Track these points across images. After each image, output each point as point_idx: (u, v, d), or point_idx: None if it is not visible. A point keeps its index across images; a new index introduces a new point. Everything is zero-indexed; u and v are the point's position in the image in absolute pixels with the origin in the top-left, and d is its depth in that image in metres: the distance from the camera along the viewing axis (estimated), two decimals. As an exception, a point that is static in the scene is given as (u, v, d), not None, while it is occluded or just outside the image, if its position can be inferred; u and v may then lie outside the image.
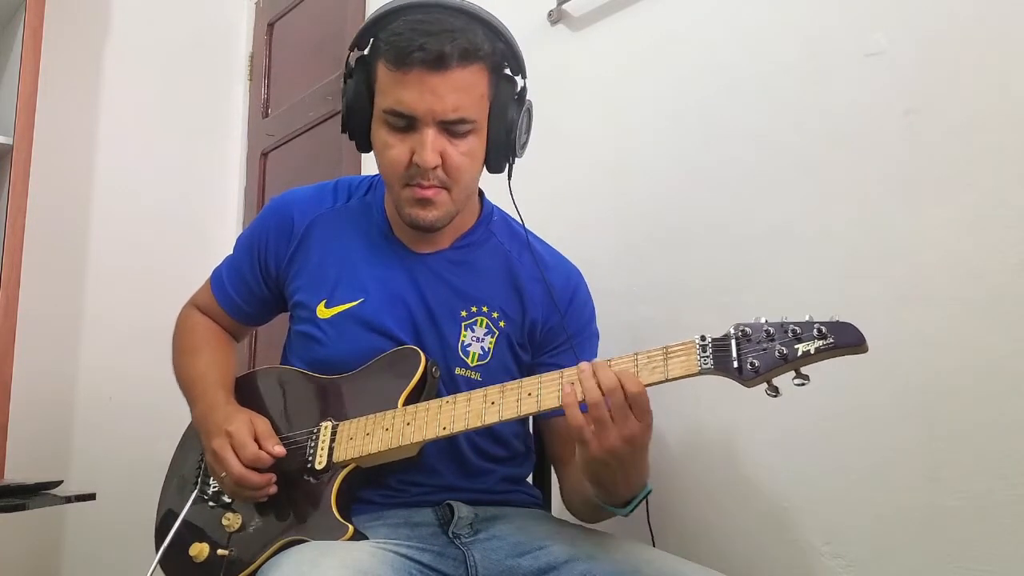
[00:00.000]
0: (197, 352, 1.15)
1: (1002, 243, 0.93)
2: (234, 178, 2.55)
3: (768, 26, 1.20)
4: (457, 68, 0.93)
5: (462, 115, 0.95)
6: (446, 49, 0.91)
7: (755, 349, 0.77)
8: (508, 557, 0.95)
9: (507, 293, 1.09)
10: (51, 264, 2.10)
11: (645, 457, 0.86)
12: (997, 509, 0.91)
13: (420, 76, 0.93)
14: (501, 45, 0.99)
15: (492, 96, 0.99)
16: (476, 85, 0.96)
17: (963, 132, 0.97)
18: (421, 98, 0.93)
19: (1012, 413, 0.91)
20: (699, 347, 0.80)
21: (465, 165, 0.98)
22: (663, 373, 0.81)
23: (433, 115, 0.94)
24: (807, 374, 0.77)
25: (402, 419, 0.95)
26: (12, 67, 1.87)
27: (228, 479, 0.97)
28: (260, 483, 0.96)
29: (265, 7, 2.60)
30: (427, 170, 0.96)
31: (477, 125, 0.98)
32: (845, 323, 0.75)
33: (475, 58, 0.95)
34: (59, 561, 2.07)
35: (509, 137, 1.01)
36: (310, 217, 1.12)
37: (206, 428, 1.03)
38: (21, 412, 1.79)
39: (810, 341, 0.75)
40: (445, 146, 0.96)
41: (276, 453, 0.97)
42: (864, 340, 0.74)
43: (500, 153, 1.02)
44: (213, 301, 1.19)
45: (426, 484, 1.03)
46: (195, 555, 0.99)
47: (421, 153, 0.95)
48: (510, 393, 0.90)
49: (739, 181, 1.21)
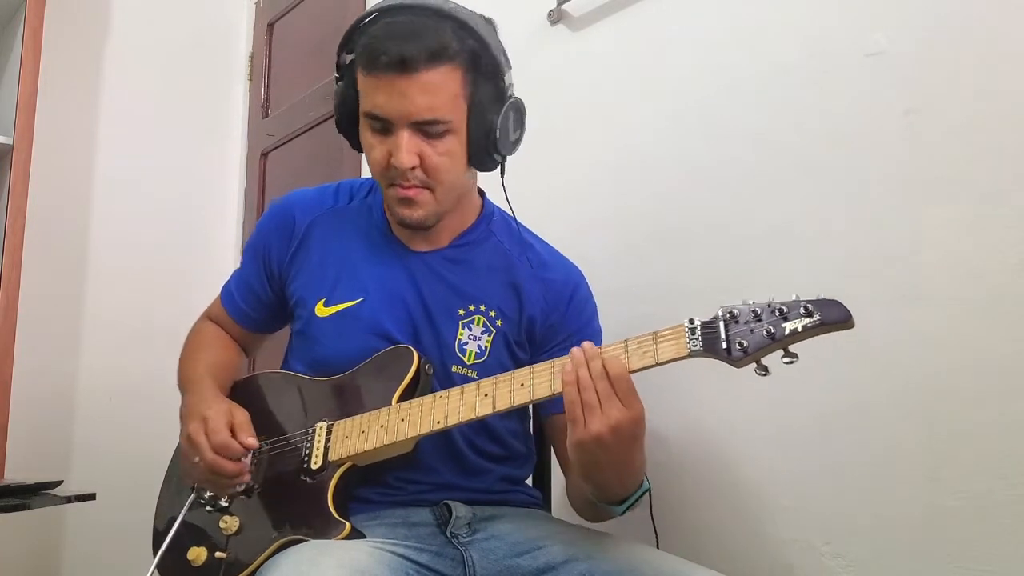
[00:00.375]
0: (198, 353, 1.16)
1: (1002, 243, 0.93)
2: (234, 178, 2.55)
3: (768, 26, 1.20)
4: (424, 70, 0.93)
5: (434, 116, 0.95)
6: (411, 52, 0.92)
7: (743, 330, 0.78)
8: (506, 557, 0.95)
9: (505, 292, 1.09)
10: (51, 264, 2.10)
11: (636, 452, 0.85)
12: (997, 509, 0.91)
13: (389, 80, 0.94)
14: (472, 43, 0.97)
15: (470, 95, 0.98)
16: (446, 85, 0.95)
17: (963, 132, 0.97)
18: (391, 101, 0.95)
19: (1012, 413, 0.91)
20: (688, 330, 0.81)
21: (444, 165, 0.98)
22: (653, 357, 0.82)
23: (405, 117, 0.95)
24: (795, 352, 0.77)
25: (396, 416, 0.95)
26: (12, 67, 1.87)
27: (200, 464, 0.97)
28: (231, 471, 0.96)
29: (265, 7, 2.60)
30: (403, 171, 0.97)
31: (453, 125, 0.97)
32: (831, 300, 0.76)
33: (443, 58, 0.94)
34: (59, 561, 2.07)
35: (489, 136, 0.99)
36: (311, 217, 1.13)
37: (186, 415, 1.04)
38: (21, 412, 1.79)
39: (797, 319, 0.76)
40: (423, 147, 0.97)
41: (248, 444, 0.97)
42: (850, 316, 0.74)
43: (482, 152, 1.00)
44: (223, 311, 1.20)
45: (424, 482, 1.03)
46: (193, 559, 0.99)
47: (397, 155, 0.96)
48: (503, 384, 0.90)
49: (739, 181, 1.21)
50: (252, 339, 1.24)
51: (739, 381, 1.16)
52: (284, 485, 0.99)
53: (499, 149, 1.00)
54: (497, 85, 1.00)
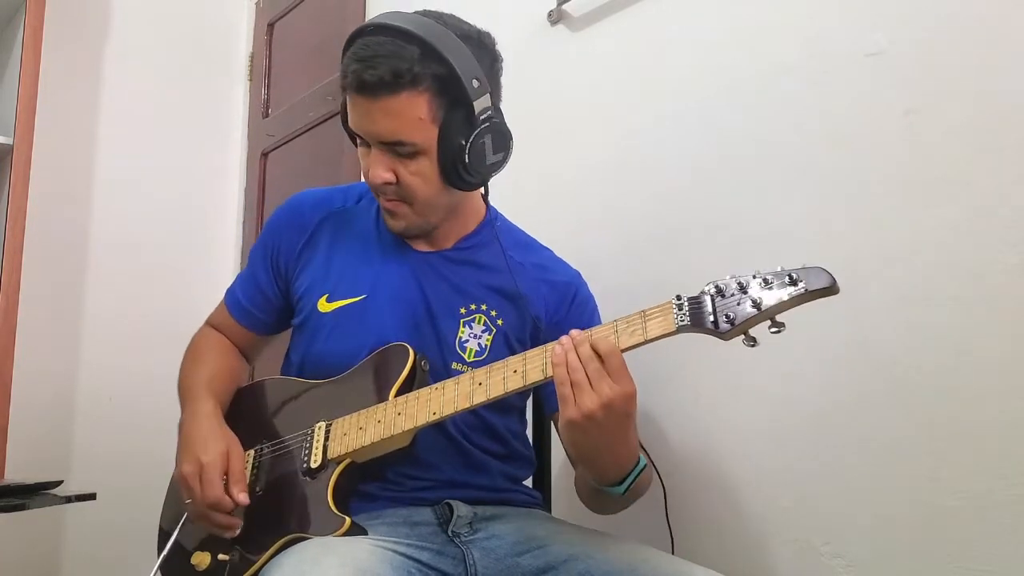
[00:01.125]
0: (198, 364, 1.16)
1: (1002, 243, 0.93)
2: (234, 178, 2.55)
3: (768, 26, 1.20)
4: (384, 95, 0.95)
5: (399, 138, 0.97)
6: (368, 77, 0.94)
7: (729, 302, 0.79)
8: (507, 556, 0.96)
9: (507, 292, 1.10)
10: (51, 264, 2.10)
11: (629, 430, 0.86)
12: (997, 509, 0.91)
13: (356, 100, 0.98)
14: (437, 67, 0.95)
15: (440, 118, 0.98)
16: (409, 110, 0.96)
17: (963, 132, 0.97)
18: (361, 121, 0.99)
19: (1012, 413, 0.91)
20: (675, 306, 0.82)
21: (416, 184, 1.01)
22: (642, 335, 0.83)
23: (373, 136, 0.99)
24: (782, 322, 0.77)
25: (393, 410, 0.96)
26: (12, 67, 1.87)
27: (192, 507, 0.99)
28: (223, 524, 0.97)
29: (265, 7, 2.60)
30: (376, 186, 1.01)
31: (421, 147, 0.98)
32: (815, 267, 0.76)
33: (401, 85, 0.94)
34: (59, 561, 2.07)
35: (458, 160, 0.98)
36: (321, 214, 1.15)
37: (183, 443, 1.04)
38: (21, 412, 1.79)
39: (782, 287, 0.77)
40: (396, 165, 1.00)
41: (240, 501, 0.97)
42: (835, 282, 0.75)
43: (454, 174, 1.00)
44: (226, 316, 1.20)
45: (425, 479, 1.04)
46: (197, 564, 1.00)
47: (371, 171, 1.00)
48: (496, 372, 0.91)
49: (739, 181, 1.21)
50: (255, 343, 1.23)
51: (739, 381, 1.17)
52: (285, 486, 1.00)
53: (470, 172, 1.00)
54: (468, 109, 0.97)
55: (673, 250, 1.29)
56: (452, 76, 0.96)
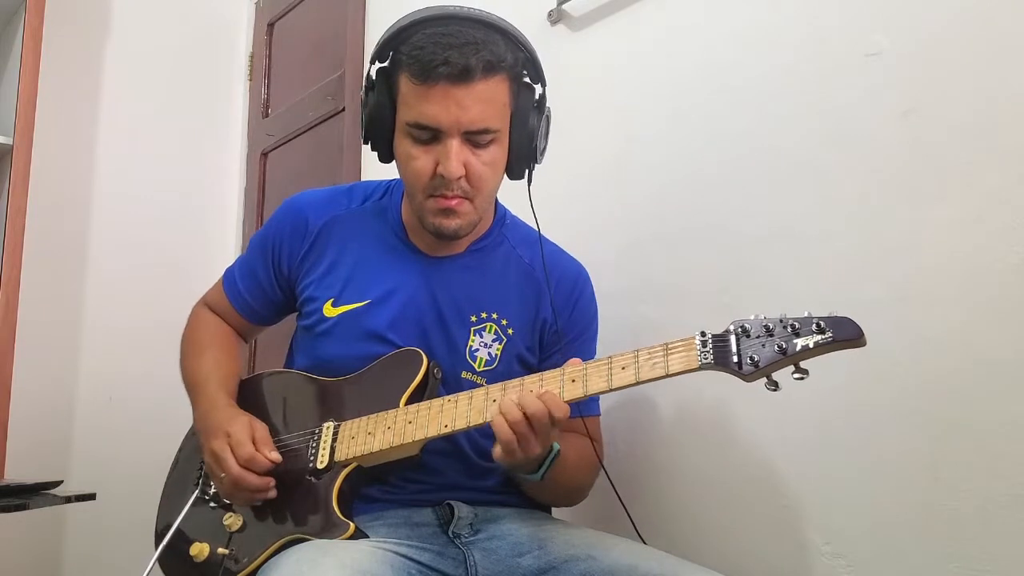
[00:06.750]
0: (203, 352, 1.15)
1: (1002, 243, 0.93)
2: (234, 178, 2.55)
3: (768, 26, 1.20)
4: (481, 80, 0.94)
5: (486, 125, 0.97)
6: (471, 62, 0.93)
7: (754, 344, 0.78)
8: (508, 557, 0.96)
9: (517, 298, 1.10)
10: (51, 264, 2.10)
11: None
12: (997, 509, 0.91)
13: (445, 89, 0.94)
14: (522, 55, 1.00)
15: (513, 105, 1.00)
16: (499, 95, 0.97)
17: (963, 132, 0.97)
18: (447, 111, 0.95)
19: (1012, 413, 0.91)
20: (699, 343, 0.81)
21: (487, 174, 1.00)
22: (663, 369, 0.82)
23: (458, 127, 0.96)
24: (806, 368, 0.77)
25: (404, 418, 0.95)
26: (12, 67, 1.87)
27: (227, 479, 0.97)
28: (258, 485, 0.96)
29: (265, 7, 2.60)
30: (451, 180, 0.97)
31: (499, 135, 0.99)
32: (843, 318, 0.76)
33: (498, 69, 0.96)
34: (59, 561, 2.07)
35: (531, 145, 1.02)
36: (325, 218, 1.13)
37: (206, 428, 1.03)
38: (21, 412, 1.79)
39: (809, 336, 0.76)
40: (468, 156, 0.98)
41: (272, 459, 0.97)
42: (862, 334, 0.74)
43: (521, 161, 1.03)
44: (224, 300, 1.20)
45: (427, 482, 1.04)
46: (195, 555, 0.99)
47: (446, 164, 0.96)
48: (511, 392, 0.90)
49: (739, 181, 1.21)
50: (251, 330, 1.24)
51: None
52: (289, 484, 0.99)
53: (535, 157, 1.04)
54: (536, 95, 1.03)
55: (673, 250, 1.29)
56: (531, 61, 1.01)
